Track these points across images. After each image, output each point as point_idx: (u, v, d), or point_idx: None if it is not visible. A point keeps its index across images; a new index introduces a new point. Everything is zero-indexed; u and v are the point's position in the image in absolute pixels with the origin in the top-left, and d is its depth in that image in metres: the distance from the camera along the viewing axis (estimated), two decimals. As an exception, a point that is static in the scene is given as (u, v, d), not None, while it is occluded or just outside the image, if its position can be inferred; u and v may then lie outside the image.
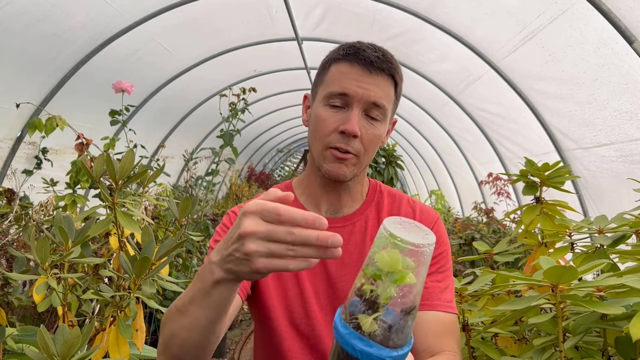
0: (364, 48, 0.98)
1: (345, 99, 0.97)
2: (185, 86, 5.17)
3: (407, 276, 0.55)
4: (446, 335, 0.95)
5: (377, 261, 0.57)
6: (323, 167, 1.00)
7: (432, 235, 0.58)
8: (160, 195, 3.79)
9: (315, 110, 1.01)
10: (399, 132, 8.79)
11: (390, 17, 4.10)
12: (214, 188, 8.13)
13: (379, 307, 0.56)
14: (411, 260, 0.56)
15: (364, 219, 1.09)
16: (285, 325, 1.05)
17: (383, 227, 0.57)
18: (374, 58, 0.96)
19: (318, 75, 1.07)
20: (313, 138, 1.02)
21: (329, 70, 1.01)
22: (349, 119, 0.95)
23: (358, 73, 0.96)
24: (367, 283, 0.58)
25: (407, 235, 0.56)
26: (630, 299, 0.77)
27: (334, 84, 0.98)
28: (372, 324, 0.56)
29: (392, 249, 0.56)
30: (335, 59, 1.01)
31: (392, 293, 0.56)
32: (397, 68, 1.01)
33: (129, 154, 1.15)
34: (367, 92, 0.95)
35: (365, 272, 0.59)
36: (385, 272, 0.56)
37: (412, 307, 0.58)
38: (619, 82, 2.75)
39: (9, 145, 3.41)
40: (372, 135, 0.98)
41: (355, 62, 0.97)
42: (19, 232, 2.18)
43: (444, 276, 1.03)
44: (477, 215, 5.40)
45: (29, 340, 1.26)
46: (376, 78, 0.96)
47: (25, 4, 2.74)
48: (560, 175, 1.17)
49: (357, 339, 0.57)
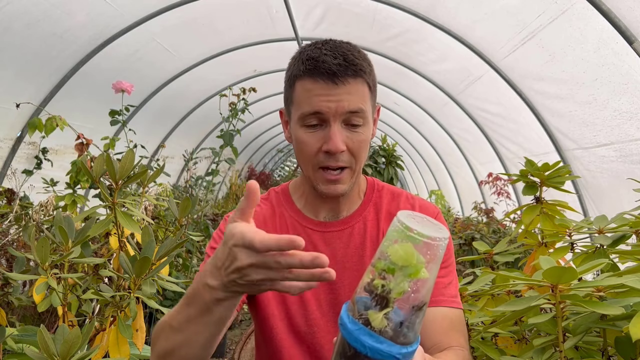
0: (323, 58, 0.91)
1: (319, 116, 0.92)
2: (185, 86, 5.17)
3: (422, 270, 0.55)
4: (453, 330, 0.95)
5: (391, 255, 0.56)
6: (318, 188, 0.99)
7: (445, 230, 0.57)
8: (160, 195, 3.79)
9: (294, 132, 0.98)
10: (399, 132, 8.80)
11: (390, 17, 4.10)
12: (214, 188, 8.13)
13: (389, 303, 0.56)
14: (424, 254, 0.55)
15: (362, 221, 1.08)
16: (285, 333, 1.04)
17: (397, 220, 0.57)
18: (336, 67, 0.90)
19: (286, 91, 1.01)
20: (300, 160, 1.00)
21: (295, 88, 0.96)
22: (329, 137, 0.92)
23: (323, 87, 0.91)
24: (378, 278, 0.57)
25: (422, 229, 0.55)
26: (630, 299, 0.77)
27: (303, 103, 0.93)
28: (383, 320, 0.55)
29: (405, 242, 0.55)
30: (297, 75, 0.95)
31: (406, 288, 0.55)
32: (362, 66, 0.94)
33: (129, 154, 1.15)
34: (340, 104, 0.91)
35: (377, 266, 0.58)
36: (400, 266, 0.55)
37: (423, 303, 0.57)
38: (619, 82, 2.75)
39: (9, 145, 3.41)
40: (358, 142, 0.95)
41: (317, 76, 0.91)
42: (19, 232, 2.18)
43: (447, 271, 1.02)
44: (477, 215, 5.40)
45: (29, 340, 1.26)
46: (344, 87, 0.91)
47: (26, 4, 2.74)
48: (560, 175, 1.17)
49: (366, 335, 0.56)
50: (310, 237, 1.05)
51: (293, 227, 1.07)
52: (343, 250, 1.05)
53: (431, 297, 0.96)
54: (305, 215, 1.08)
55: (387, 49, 4.80)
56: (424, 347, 0.94)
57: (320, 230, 1.06)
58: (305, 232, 1.06)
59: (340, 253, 1.04)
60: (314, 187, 1.00)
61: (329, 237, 1.05)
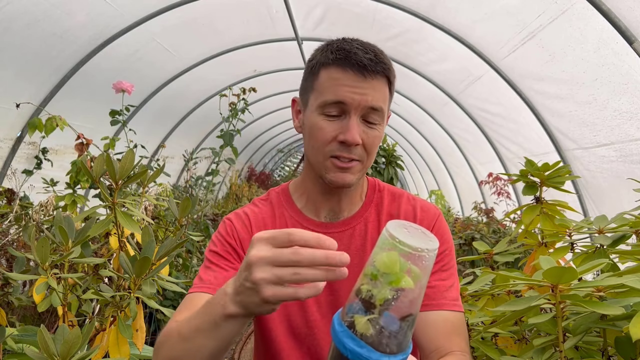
0: (355, 50, 0.92)
1: (341, 107, 0.92)
2: (185, 86, 5.17)
3: (403, 279, 0.55)
4: (454, 334, 0.94)
5: (376, 261, 0.57)
6: (326, 177, 0.97)
7: (435, 242, 0.57)
8: (160, 195, 3.79)
9: (310, 119, 0.97)
10: (399, 132, 8.80)
11: (390, 17, 4.10)
12: (214, 188, 8.13)
13: (374, 309, 0.56)
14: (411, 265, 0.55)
15: (363, 222, 1.07)
16: (284, 334, 1.03)
17: (385, 229, 0.57)
18: (367, 61, 0.91)
19: (306, 79, 1.01)
20: (311, 148, 0.98)
21: (319, 76, 0.95)
22: (348, 129, 0.92)
23: (352, 79, 0.91)
24: (365, 283, 0.58)
25: (409, 239, 0.55)
26: (630, 299, 0.77)
27: (327, 91, 0.93)
28: (366, 324, 0.56)
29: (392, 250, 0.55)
30: (324, 63, 0.95)
31: (387, 295, 0.55)
32: (389, 65, 0.96)
33: (129, 154, 1.15)
34: (364, 97, 0.91)
35: (365, 272, 0.59)
36: (382, 273, 0.56)
37: (408, 314, 0.56)
38: (619, 82, 2.75)
39: (9, 145, 3.41)
40: (373, 139, 0.95)
41: (347, 67, 0.91)
42: (19, 232, 2.18)
43: (448, 274, 1.01)
44: (477, 215, 5.40)
45: (29, 340, 1.26)
46: (371, 82, 0.92)
47: (26, 3, 2.74)
48: (560, 175, 1.17)
49: (348, 337, 0.56)
50: None
51: (294, 227, 1.05)
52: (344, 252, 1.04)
53: (432, 300, 0.96)
54: (306, 216, 1.07)
55: (387, 49, 4.74)
56: (426, 352, 0.93)
57: (322, 232, 1.04)
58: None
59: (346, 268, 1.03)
60: (321, 177, 0.99)
61: None
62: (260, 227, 1.06)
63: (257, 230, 1.05)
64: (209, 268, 1.00)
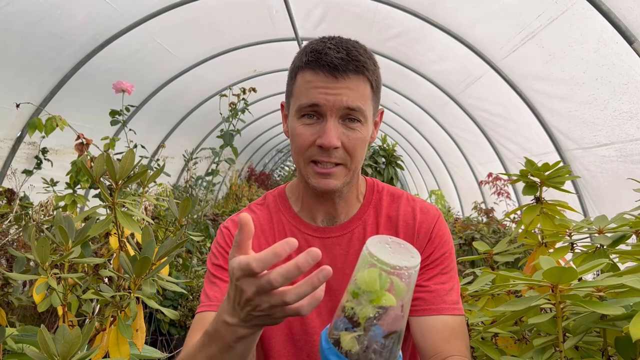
0: (326, 51, 0.90)
1: (316, 109, 0.91)
2: (185, 86, 5.17)
3: (384, 297, 0.55)
4: (454, 338, 0.93)
5: (357, 279, 0.57)
6: (310, 182, 0.96)
7: (416, 258, 0.56)
8: (160, 195, 3.79)
9: (291, 124, 0.96)
10: (399, 132, 8.80)
11: (390, 17, 4.10)
12: (214, 188, 8.13)
13: (358, 326, 0.56)
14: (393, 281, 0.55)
15: (362, 225, 1.05)
16: (282, 340, 1.02)
17: (365, 246, 0.57)
18: (338, 61, 0.88)
19: (287, 84, 1.00)
20: (294, 153, 0.98)
21: (296, 81, 0.95)
22: (324, 132, 0.90)
23: (324, 80, 0.89)
24: (349, 301, 0.58)
25: (388, 257, 0.55)
26: (630, 299, 0.77)
27: (302, 95, 0.92)
28: (352, 341, 0.56)
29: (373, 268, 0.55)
30: (299, 67, 0.94)
31: (369, 313, 0.55)
32: (366, 63, 0.92)
33: (129, 154, 1.15)
34: (338, 97, 0.89)
35: (348, 289, 0.58)
36: (363, 291, 0.56)
37: (392, 331, 0.56)
38: (619, 82, 2.75)
39: (9, 145, 3.41)
40: (354, 140, 0.92)
41: (318, 69, 0.89)
42: (19, 232, 2.18)
43: (448, 277, 1.00)
44: (477, 215, 5.40)
45: (29, 340, 1.26)
46: (344, 82, 0.89)
47: (26, 4, 2.74)
48: (560, 175, 1.17)
49: (334, 355, 0.57)
50: (309, 243, 1.03)
51: (291, 233, 1.05)
52: (343, 257, 1.02)
53: (432, 305, 0.95)
54: (303, 221, 1.06)
55: (387, 49, 4.80)
56: (425, 357, 0.92)
57: (319, 237, 1.04)
58: (304, 238, 1.03)
59: (340, 260, 1.02)
60: (307, 182, 0.98)
61: (328, 243, 1.03)
62: (258, 233, 1.06)
63: (255, 237, 1.03)
64: (214, 284, 1.00)
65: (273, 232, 1.06)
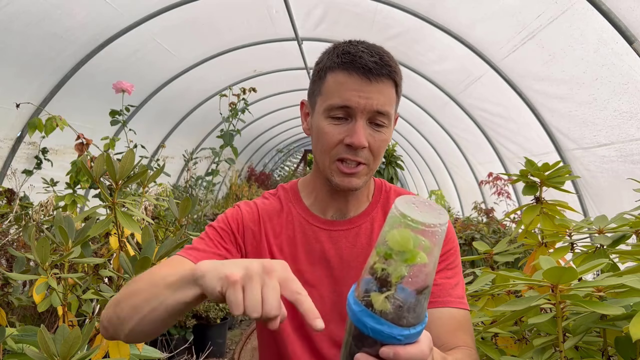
0: (360, 54, 0.93)
1: (347, 110, 0.94)
2: (185, 86, 5.16)
3: (419, 256, 0.55)
4: (460, 331, 0.95)
5: (389, 240, 0.57)
6: (333, 180, 0.99)
7: (445, 215, 0.58)
8: (160, 195, 3.79)
9: (317, 122, 0.99)
10: (399, 132, 8.79)
11: (390, 17, 4.10)
12: (214, 188, 8.12)
13: (390, 286, 0.57)
14: (423, 239, 0.56)
15: (369, 221, 1.08)
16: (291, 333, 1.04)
17: (394, 207, 0.58)
18: (372, 64, 0.92)
19: (314, 82, 1.02)
20: (318, 151, 1.00)
21: (326, 80, 0.97)
22: (354, 132, 0.93)
23: (357, 82, 0.92)
24: (379, 262, 0.58)
25: (419, 215, 0.56)
26: (630, 299, 0.77)
27: (333, 95, 0.94)
28: (384, 302, 0.57)
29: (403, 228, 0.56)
30: (330, 67, 0.96)
31: (404, 272, 0.56)
32: (396, 68, 0.97)
33: (129, 154, 1.15)
34: (369, 101, 0.92)
35: (378, 251, 0.59)
36: (396, 252, 0.56)
37: (424, 287, 0.58)
38: (619, 82, 2.75)
39: (9, 145, 3.41)
40: (379, 142, 0.96)
41: (353, 71, 0.92)
42: (19, 232, 2.18)
43: (453, 272, 1.03)
44: (477, 215, 5.40)
45: (29, 340, 1.26)
46: (377, 85, 0.92)
47: (26, 4, 2.74)
48: (560, 175, 1.17)
49: (368, 316, 0.57)
50: (316, 234, 1.06)
51: (300, 224, 1.07)
52: (349, 250, 1.05)
53: (438, 298, 0.98)
54: (313, 213, 1.09)
55: (387, 48, 4.77)
56: None
57: (327, 229, 1.06)
58: (311, 229, 1.07)
59: (347, 252, 1.05)
60: (328, 180, 1.00)
61: (335, 236, 1.06)
62: (265, 220, 1.08)
63: (263, 221, 1.07)
64: (203, 240, 1.02)
65: (281, 221, 1.09)
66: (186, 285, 0.69)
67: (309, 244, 1.05)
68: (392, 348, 0.57)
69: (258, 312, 0.59)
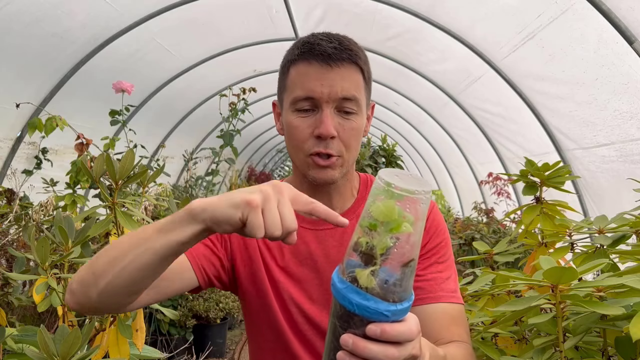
0: (318, 42, 0.91)
1: (312, 101, 0.92)
2: (185, 86, 5.17)
3: (403, 224, 0.55)
4: (454, 325, 0.93)
5: (373, 211, 0.56)
6: (309, 175, 0.96)
7: (428, 185, 0.57)
8: (160, 195, 3.79)
9: (286, 118, 0.97)
10: (399, 132, 8.79)
11: (390, 17, 4.10)
12: (214, 188, 8.11)
13: (375, 259, 0.56)
14: (407, 209, 0.55)
15: (356, 218, 1.04)
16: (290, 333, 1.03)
17: (378, 177, 0.57)
18: (332, 50, 0.90)
19: (280, 80, 1.01)
20: (291, 147, 0.98)
21: (289, 74, 0.96)
22: (321, 122, 0.91)
23: (318, 71, 0.90)
24: (363, 236, 0.57)
25: (403, 184, 0.55)
26: (630, 299, 0.77)
27: (296, 87, 0.93)
28: (369, 277, 0.56)
29: (387, 198, 0.55)
30: (292, 60, 0.95)
31: (388, 243, 0.55)
32: (358, 52, 0.94)
33: (129, 154, 1.15)
34: (333, 88, 0.90)
35: (362, 224, 0.58)
36: (381, 222, 0.55)
37: (409, 259, 0.57)
38: (619, 82, 2.75)
39: (9, 145, 3.41)
40: (350, 130, 0.93)
41: (312, 59, 0.91)
42: (19, 232, 2.18)
43: (445, 266, 1.00)
44: (477, 215, 5.39)
45: (29, 340, 1.26)
46: (339, 71, 0.90)
47: (26, 3, 2.74)
48: (560, 175, 1.17)
49: (354, 292, 0.56)
50: (302, 235, 1.03)
51: None
52: (336, 249, 1.03)
53: (429, 293, 0.96)
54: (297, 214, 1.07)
55: (387, 49, 4.79)
56: None
57: (313, 229, 1.04)
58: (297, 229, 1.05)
59: (334, 251, 1.03)
60: (305, 176, 0.98)
61: (322, 235, 1.03)
62: None
63: None
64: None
65: None
66: (182, 224, 0.68)
67: (295, 245, 1.04)
68: (379, 325, 0.55)
69: (279, 229, 0.63)
